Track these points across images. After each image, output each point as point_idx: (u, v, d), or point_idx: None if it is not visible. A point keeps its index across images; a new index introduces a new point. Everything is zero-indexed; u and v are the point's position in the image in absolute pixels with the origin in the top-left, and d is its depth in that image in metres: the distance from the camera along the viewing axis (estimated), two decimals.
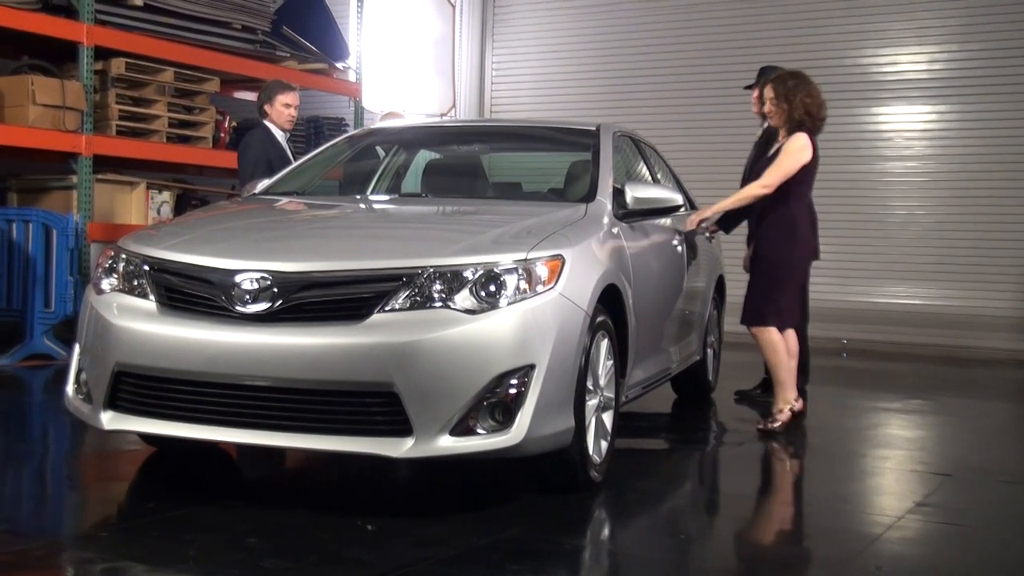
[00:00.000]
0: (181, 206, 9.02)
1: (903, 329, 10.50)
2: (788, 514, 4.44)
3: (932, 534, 4.08)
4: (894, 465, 5.30)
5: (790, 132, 5.72)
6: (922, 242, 10.58)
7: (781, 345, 5.71)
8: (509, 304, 3.74)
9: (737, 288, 6.00)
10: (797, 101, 5.66)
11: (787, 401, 5.75)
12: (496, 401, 3.67)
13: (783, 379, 5.75)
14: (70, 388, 4.22)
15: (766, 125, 6.49)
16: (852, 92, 10.62)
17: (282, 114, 7.05)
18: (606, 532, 3.97)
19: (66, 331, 7.30)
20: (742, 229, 6.36)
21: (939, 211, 10.54)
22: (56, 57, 8.18)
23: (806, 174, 5.71)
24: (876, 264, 10.71)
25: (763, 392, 6.73)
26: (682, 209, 5.31)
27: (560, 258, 3.96)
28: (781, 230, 5.71)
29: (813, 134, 5.72)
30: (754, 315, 5.74)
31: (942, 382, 8.76)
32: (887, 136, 10.79)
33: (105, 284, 4.11)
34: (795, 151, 5.65)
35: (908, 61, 10.69)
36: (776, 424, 5.69)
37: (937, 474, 5.03)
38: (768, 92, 5.81)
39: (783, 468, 5.30)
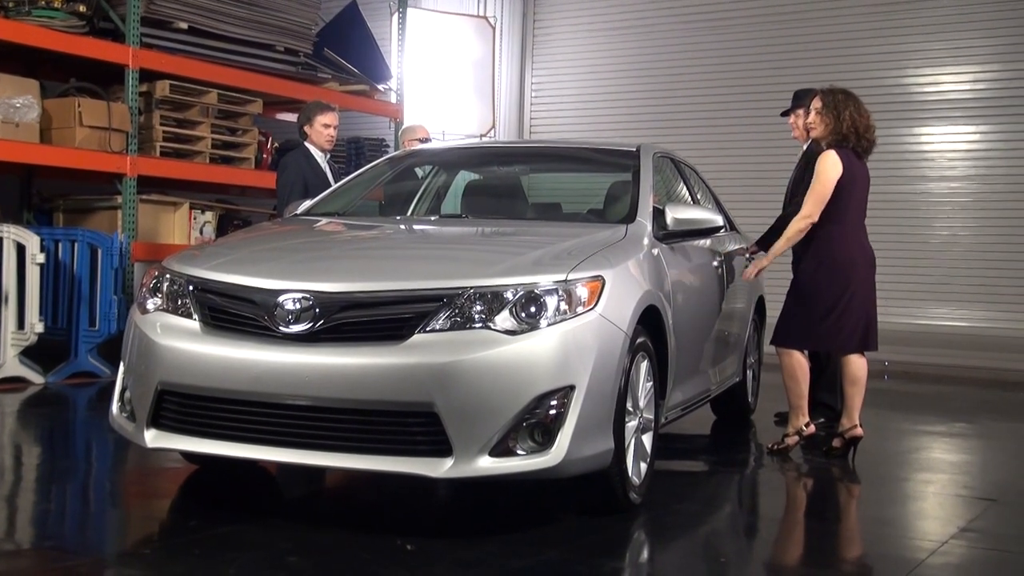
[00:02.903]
0: (224, 226, 9.11)
1: (946, 351, 10.37)
2: (829, 538, 4.39)
3: (976, 560, 4.02)
4: (937, 489, 5.24)
5: (830, 146, 5.58)
6: (965, 263, 10.46)
7: (799, 371, 5.65)
8: (549, 325, 3.75)
9: (778, 309, 5.95)
10: (845, 115, 5.51)
11: (796, 427, 5.71)
12: (536, 422, 3.68)
13: (794, 405, 5.71)
14: (114, 406, 4.28)
15: (806, 147, 6.45)
16: (894, 112, 10.54)
17: (321, 134, 7.10)
18: (645, 554, 3.95)
19: (111, 349, 7.39)
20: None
21: (982, 232, 10.43)
22: (103, 80, 8.31)
23: (840, 193, 5.50)
24: (918, 285, 10.59)
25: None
26: (722, 230, 5.29)
27: (600, 279, 3.96)
28: (810, 251, 5.60)
29: (861, 153, 5.59)
30: (775, 334, 5.70)
31: (986, 405, 8.64)
32: (929, 156, 10.69)
33: (149, 304, 4.15)
34: (823, 172, 5.50)
35: (950, 81, 10.60)
36: (782, 447, 5.68)
37: (982, 499, 4.96)
38: (816, 103, 5.64)
39: (824, 491, 5.25)
